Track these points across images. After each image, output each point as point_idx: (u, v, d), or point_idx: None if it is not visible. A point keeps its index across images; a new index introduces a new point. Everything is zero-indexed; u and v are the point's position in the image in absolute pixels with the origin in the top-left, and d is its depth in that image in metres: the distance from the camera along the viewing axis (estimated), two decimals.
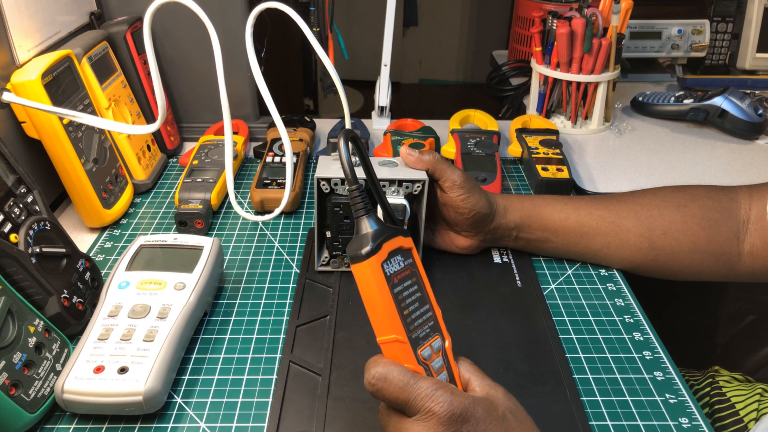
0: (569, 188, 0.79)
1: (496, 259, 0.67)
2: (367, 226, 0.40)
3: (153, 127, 0.61)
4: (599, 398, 0.50)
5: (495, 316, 0.59)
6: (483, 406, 0.38)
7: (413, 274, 0.41)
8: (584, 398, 0.50)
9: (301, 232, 0.72)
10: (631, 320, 0.59)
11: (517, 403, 0.40)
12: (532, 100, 1.06)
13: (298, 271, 0.65)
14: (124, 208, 0.74)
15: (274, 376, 0.52)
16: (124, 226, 0.73)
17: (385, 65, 0.94)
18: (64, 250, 0.56)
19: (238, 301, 0.61)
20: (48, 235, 0.55)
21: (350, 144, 0.43)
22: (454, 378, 0.41)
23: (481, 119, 0.96)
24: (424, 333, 0.40)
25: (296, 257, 0.68)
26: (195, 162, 0.79)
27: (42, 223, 0.55)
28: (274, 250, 0.69)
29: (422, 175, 0.60)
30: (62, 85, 0.66)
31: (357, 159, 0.60)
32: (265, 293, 0.62)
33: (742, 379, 0.67)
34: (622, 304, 0.61)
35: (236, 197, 0.75)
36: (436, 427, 0.36)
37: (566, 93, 0.99)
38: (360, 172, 0.59)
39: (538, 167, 0.79)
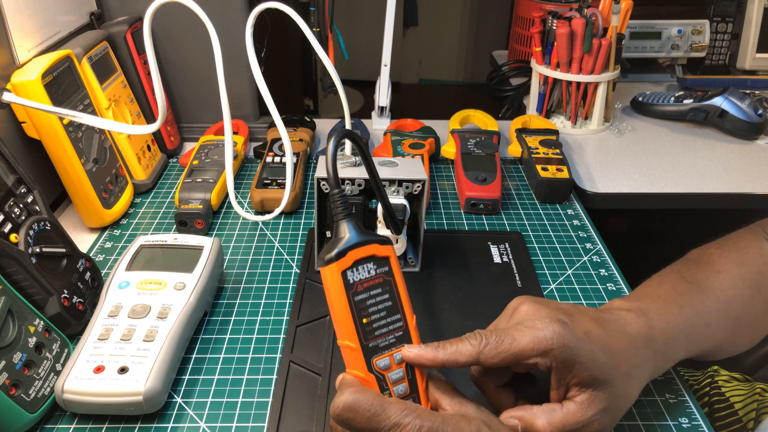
0: (569, 188, 0.79)
1: (496, 259, 0.67)
2: (343, 231, 0.41)
3: (153, 127, 0.61)
4: None
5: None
6: (453, 423, 0.37)
7: (385, 283, 0.41)
8: None
9: (301, 232, 0.72)
10: None
11: (491, 414, 0.39)
12: (532, 100, 1.06)
13: (298, 271, 0.65)
14: (124, 208, 0.74)
15: (274, 376, 0.52)
16: (124, 226, 0.73)
17: (385, 65, 0.94)
18: (64, 250, 0.56)
19: (238, 301, 0.61)
20: (48, 235, 0.55)
21: (351, 144, 0.43)
22: (418, 391, 0.41)
23: (481, 119, 0.96)
24: (386, 342, 0.40)
25: (296, 257, 0.68)
26: (195, 162, 0.79)
27: (42, 223, 0.55)
28: (274, 250, 0.69)
29: (422, 175, 0.60)
30: (62, 85, 0.66)
31: (358, 159, 0.61)
32: (265, 293, 0.62)
33: (742, 378, 0.67)
34: None
35: (236, 197, 0.75)
36: None
37: (566, 93, 0.99)
38: (357, 172, 0.59)
39: (538, 167, 0.79)
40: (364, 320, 0.40)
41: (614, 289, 0.63)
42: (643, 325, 0.44)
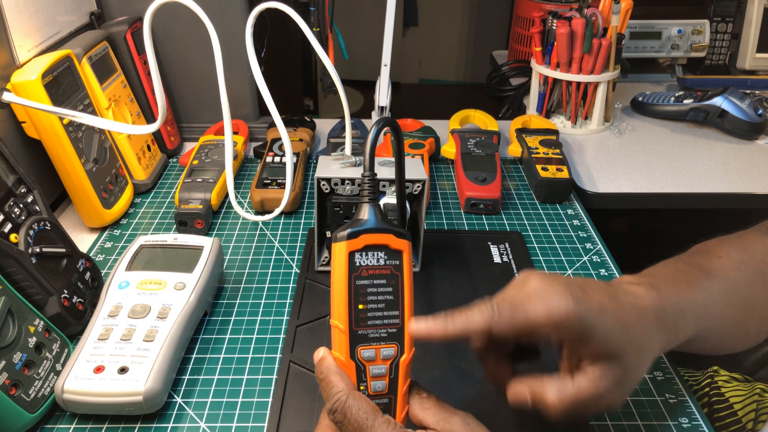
0: (569, 188, 0.79)
1: (496, 259, 0.67)
2: (363, 213, 0.40)
3: (153, 127, 0.61)
4: None
5: None
6: None
7: (392, 276, 0.40)
8: None
9: (301, 232, 0.72)
10: None
11: (477, 429, 0.38)
12: (532, 100, 1.06)
13: (298, 271, 0.65)
14: (124, 208, 0.74)
15: (274, 376, 0.52)
16: (124, 226, 0.73)
17: (385, 65, 0.94)
18: (64, 250, 0.56)
19: (238, 301, 0.61)
20: (48, 235, 0.55)
21: (390, 133, 0.43)
22: (396, 392, 0.40)
23: (481, 119, 0.96)
24: (376, 335, 0.40)
25: (296, 257, 0.68)
26: (195, 162, 0.79)
27: (42, 223, 0.55)
28: (274, 250, 0.69)
29: (422, 175, 0.60)
30: (62, 85, 0.66)
31: (358, 159, 0.61)
32: (265, 293, 0.62)
33: (742, 379, 0.67)
34: None
35: (236, 197, 0.75)
36: None
37: (566, 93, 0.99)
38: (357, 172, 0.59)
39: (538, 167, 0.79)
40: (360, 306, 0.39)
41: None
42: (654, 297, 0.43)
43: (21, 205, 0.53)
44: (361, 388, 0.39)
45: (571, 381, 0.40)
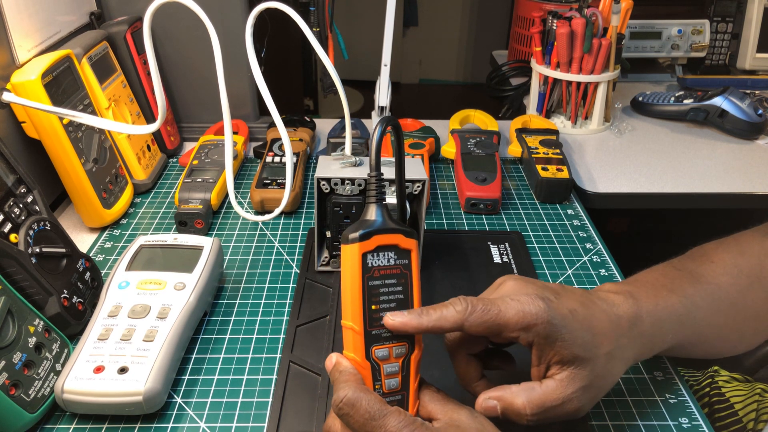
0: (569, 188, 0.79)
1: (496, 259, 0.67)
2: (372, 214, 0.41)
3: (153, 127, 0.61)
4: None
5: None
6: None
7: (402, 276, 0.41)
8: None
9: (301, 232, 0.72)
10: None
11: (484, 422, 0.39)
12: (532, 100, 1.06)
13: (298, 271, 0.65)
14: (124, 208, 0.74)
15: (274, 376, 0.52)
16: (124, 226, 0.73)
17: (385, 65, 0.94)
18: (64, 250, 0.56)
19: (238, 301, 0.61)
20: (48, 235, 0.55)
21: (391, 132, 0.43)
22: (409, 389, 0.41)
23: (481, 119, 0.96)
24: (389, 334, 0.40)
25: (296, 257, 0.68)
26: (195, 162, 0.79)
27: (42, 223, 0.55)
28: (274, 250, 0.69)
29: (422, 175, 0.60)
30: (62, 85, 0.66)
31: (358, 159, 0.61)
32: (265, 293, 0.62)
33: (742, 379, 0.67)
34: None
35: (236, 197, 0.75)
36: None
37: (566, 93, 0.99)
38: (357, 172, 0.59)
39: (538, 167, 0.79)
40: (373, 306, 0.39)
41: None
42: (631, 306, 0.44)
43: (21, 205, 0.53)
44: (376, 387, 0.39)
45: (539, 386, 0.41)
